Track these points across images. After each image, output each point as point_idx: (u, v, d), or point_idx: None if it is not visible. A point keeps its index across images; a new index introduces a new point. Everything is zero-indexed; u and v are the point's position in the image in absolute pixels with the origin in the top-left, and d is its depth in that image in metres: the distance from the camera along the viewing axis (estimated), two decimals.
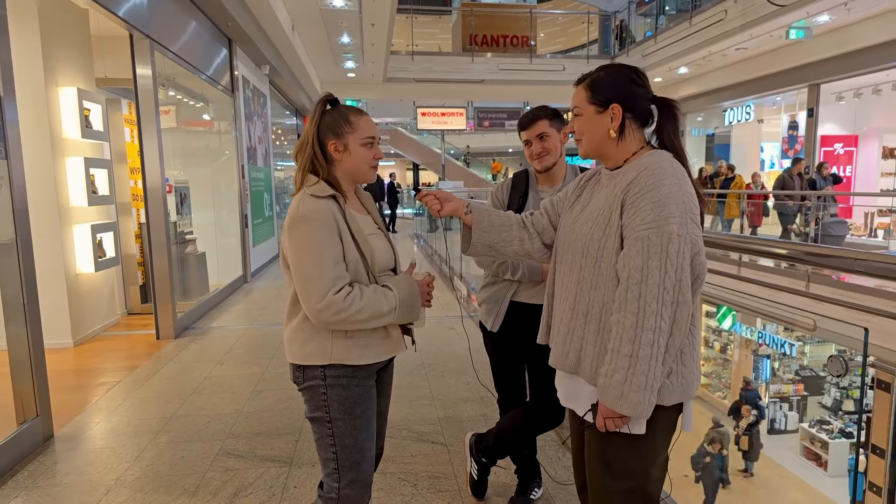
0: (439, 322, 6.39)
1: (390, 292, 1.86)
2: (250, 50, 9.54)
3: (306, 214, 1.79)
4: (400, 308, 1.86)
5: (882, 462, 1.74)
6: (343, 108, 1.93)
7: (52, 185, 5.46)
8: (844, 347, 2.25)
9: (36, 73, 5.31)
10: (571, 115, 1.78)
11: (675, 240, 1.51)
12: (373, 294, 1.82)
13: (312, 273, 1.76)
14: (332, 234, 1.80)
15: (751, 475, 8.92)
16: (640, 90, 1.69)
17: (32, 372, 3.54)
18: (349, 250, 1.84)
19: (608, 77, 1.70)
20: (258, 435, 3.68)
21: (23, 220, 3.51)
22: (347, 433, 1.88)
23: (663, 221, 1.51)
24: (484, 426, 3.51)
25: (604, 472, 1.68)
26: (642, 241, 1.52)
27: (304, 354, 1.88)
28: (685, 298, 1.53)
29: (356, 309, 1.77)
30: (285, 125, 16.05)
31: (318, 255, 1.77)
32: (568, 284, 1.75)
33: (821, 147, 12.83)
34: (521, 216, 1.96)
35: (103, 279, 6.27)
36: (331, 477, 1.91)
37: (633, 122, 1.69)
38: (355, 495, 1.91)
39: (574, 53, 21.68)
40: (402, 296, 1.87)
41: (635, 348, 1.51)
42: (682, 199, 1.54)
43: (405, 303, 1.87)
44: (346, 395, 1.88)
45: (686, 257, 1.53)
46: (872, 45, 10.59)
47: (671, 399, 1.61)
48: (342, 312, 1.76)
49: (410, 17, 17.46)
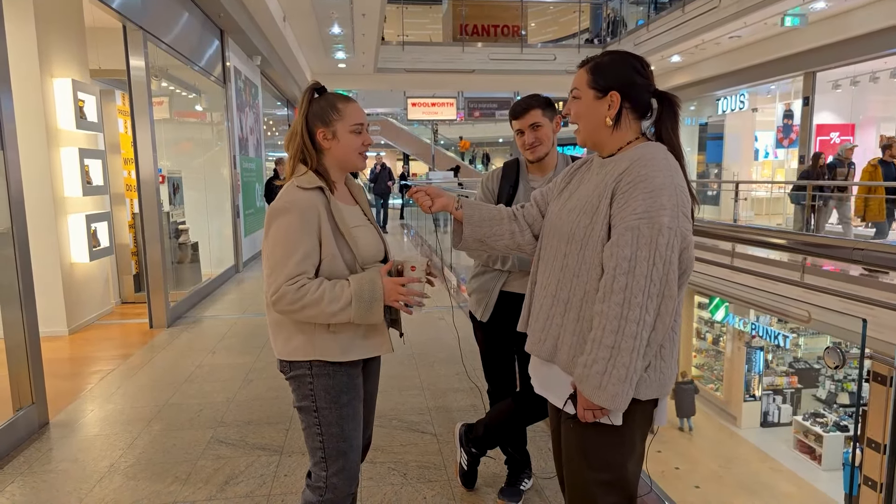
0: (429, 312, 6.42)
1: (347, 287, 1.80)
2: (242, 41, 9.51)
3: (286, 206, 1.81)
4: (356, 303, 1.79)
5: (878, 456, 1.72)
6: (330, 96, 1.93)
7: (48, 175, 5.47)
8: (840, 340, 2.24)
9: (31, 64, 5.31)
10: (570, 97, 1.75)
11: (665, 232, 1.49)
12: (330, 287, 1.79)
13: (275, 264, 1.79)
14: (307, 228, 1.80)
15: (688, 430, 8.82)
16: (641, 81, 1.66)
17: (28, 360, 3.58)
18: (327, 244, 1.84)
19: (612, 63, 1.67)
20: (249, 423, 3.71)
21: (19, 210, 3.54)
22: (334, 422, 1.90)
23: (655, 213, 1.50)
24: (474, 416, 3.54)
25: (582, 464, 1.67)
26: (632, 231, 1.50)
27: (288, 350, 1.90)
28: (671, 292, 1.51)
29: (308, 301, 1.76)
30: (276, 116, 16.01)
31: (287, 248, 1.79)
32: (551, 271, 1.73)
33: (816, 136, 12.79)
34: (512, 209, 1.95)
35: (97, 269, 6.29)
36: (318, 466, 1.93)
37: (630, 113, 1.67)
38: (343, 484, 1.92)
39: (565, 43, 21.62)
40: (358, 290, 1.79)
41: (618, 340, 1.49)
42: (674, 192, 1.52)
43: (361, 298, 1.79)
44: (332, 384, 1.89)
45: (675, 250, 1.51)
46: (869, 32, 10.49)
47: (648, 393, 1.60)
48: (294, 303, 1.76)
49: (401, 7, 17.41)
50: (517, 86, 17.92)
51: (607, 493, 1.65)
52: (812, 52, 11.97)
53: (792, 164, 13.62)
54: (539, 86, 16.09)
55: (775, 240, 2.79)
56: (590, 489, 1.66)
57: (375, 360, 2.15)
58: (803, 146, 12.78)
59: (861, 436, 1.81)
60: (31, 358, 3.60)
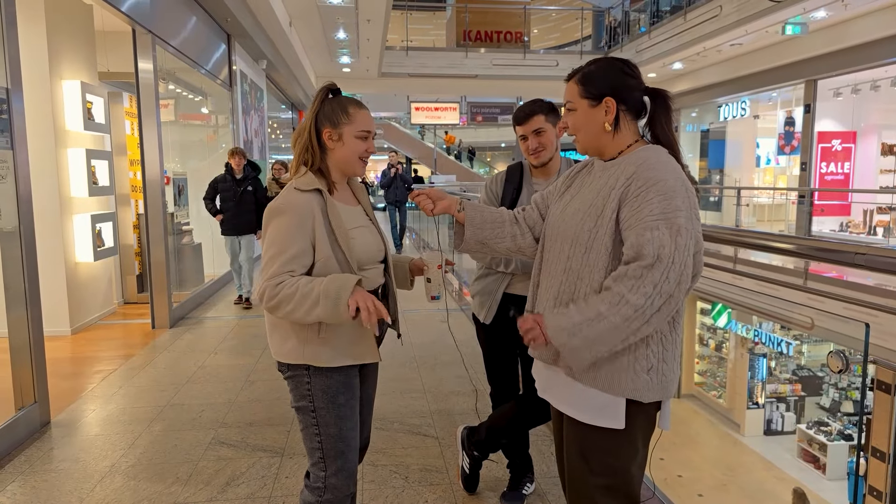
0: (430, 315, 6.42)
1: (319, 283, 1.76)
2: (248, 45, 9.57)
3: (281, 207, 1.84)
4: (323, 300, 1.72)
5: (883, 466, 1.69)
6: (343, 99, 1.95)
7: (55, 175, 5.52)
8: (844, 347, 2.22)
9: (41, 66, 5.38)
10: (564, 111, 1.76)
11: (683, 233, 1.50)
12: (304, 283, 1.76)
13: (265, 263, 1.82)
14: (301, 229, 1.82)
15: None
16: (632, 82, 1.67)
17: (32, 359, 3.59)
18: (321, 246, 1.84)
19: (600, 70, 1.68)
20: (250, 425, 3.71)
21: (26, 209, 3.56)
22: (332, 423, 1.91)
23: (672, 214, 1.50)
24: (476, 419, 3.54)
25: (583, 468, 1.66)
26: (652, 231, 1.50)
27: (282, 352, 1.93)
28: (679, 293, 1.51)
29: (283, 296, 1.75)
30: (281, 119, 16.07)
31: (277, 248, 1.81)
32: (554, 273, 1.72)
33: (818, 143, 12.80)
34: (514, 212, 1.95)
35: (101, 269, 6.32)
36: (317, 466, 1.94)
37: (627, 115, 1.68)
38: (341, 484, 1.94)
39: (567, 49, 21.68)
40: (326, 287, 1.73)
41: (610, 312, 1.49)
42: (686, 194, 1.54)
43: (328, 296, 1.72)
44: (329, 385, 1.91)
45: (690, 252, 1.51)
46: (870, 41, 10.52)
47: (650, 396, 1.59)
48: (272, 300, 1.77)
49: (405, 13, 17.47)
50: (519, 91, 17.95)
51: (609, 498, 1.64)
52: (813, 61, 11.99)
53: (794, 170, 13.61)
54: (541, 91, 16.08)
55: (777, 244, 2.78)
56: (591, 494, 1.65)
57: (371, 366, 2.15)
58: (804, 153, 12.80)
59: (865, 445, 1.77)
60: (35, 357, 3.60)
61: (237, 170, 6.74)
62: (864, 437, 1.83)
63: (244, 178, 6.76)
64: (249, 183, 6.77)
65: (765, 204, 14.27)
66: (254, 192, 6.81)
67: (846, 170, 13.12)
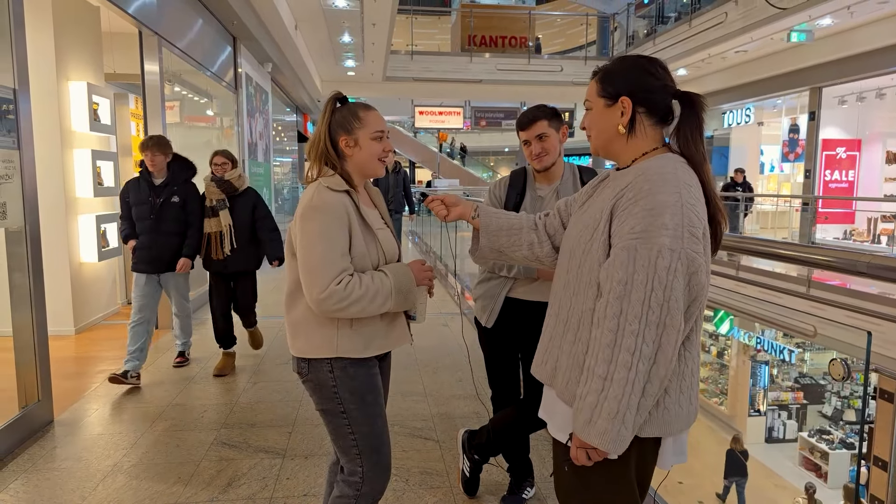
0: (433, 318, 6.43)
1: (386, 278, 1.90)
2: (254, 48, 9.62)
3: (320, 206, 1.85)
4: (395, 294, 1.90)
5: (885, 475, 1.67)
6: (352, 105, 1.99)
7: (60, 175, 5.56)
8: (846, 356, 2.21)
9: (48, 67, 5.41)
10: (585, 109, 1.67)
11: (665, 254, 1.34)
12: (370, 281, 1.86)
13: (318, 264, 1.81)
14: (342, 227, 1.86)
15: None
16: (654, 82, 1.52)
17: (36, 358, 3.60)
18: (357, 243, 1.89)
19: (620, 68, 1.55)
20: (253, 426, 3.73)
21: (32, 209, 3.58)
22: (364, 421, 1.96)
23: (654, 232, 1.35)
24: (477, 423, 3.54)
25: (572, 488, 1.59)
26: (628, 252, 1.37)
27: (310, 348, 1.93)
28: (674, 322, 1.35)
29: (355, 297, 1.82)
30: (285, 122, 16.11)
31: (327, 247, 1.82)
32: (555, 289, 1.65)
33: (822, 151, 12.79)
34: (534, 217, 1.86)
35: (105, 269, 6.35)
36: (353, 462, 1.98)
37: (646, 118, 1.53)
38: (379, 477, 2.00)
39: (572, 55, 21.73)
40: (397, 283, 1.91)
41: (610, 370, 1.36)
42: (679, 210, 1.37)
43: (401, 290, 1.91)
44: (356, 386, 1.95)
45: (678, 276, 1.35)
46: (875, 48, 10.53)
47: (648, 431, 1.46)
48: (342, 301, 1.80)
49: (410, 17, 17.58)
50: (524, 96, 17.97)
51: None
52: (818, 68, 11.99)
53: (798, 178, 13.60)
54: (545, 96, 16.13)
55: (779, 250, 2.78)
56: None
57: (387, 361, 2.20)
58: (809, 161, 12.79)
59: (867, 454, 1.76)
60: (39, 356, 3.62)
61: (155, 171, 4.45)
62: (865, 446, 1.83)
63: (166, 183, 4.47)
64: (176, 191, 4.49)
65: (768, 211, 14.26)
66: (181, 205, 4.49)
67: (850, 178, 13.11)
